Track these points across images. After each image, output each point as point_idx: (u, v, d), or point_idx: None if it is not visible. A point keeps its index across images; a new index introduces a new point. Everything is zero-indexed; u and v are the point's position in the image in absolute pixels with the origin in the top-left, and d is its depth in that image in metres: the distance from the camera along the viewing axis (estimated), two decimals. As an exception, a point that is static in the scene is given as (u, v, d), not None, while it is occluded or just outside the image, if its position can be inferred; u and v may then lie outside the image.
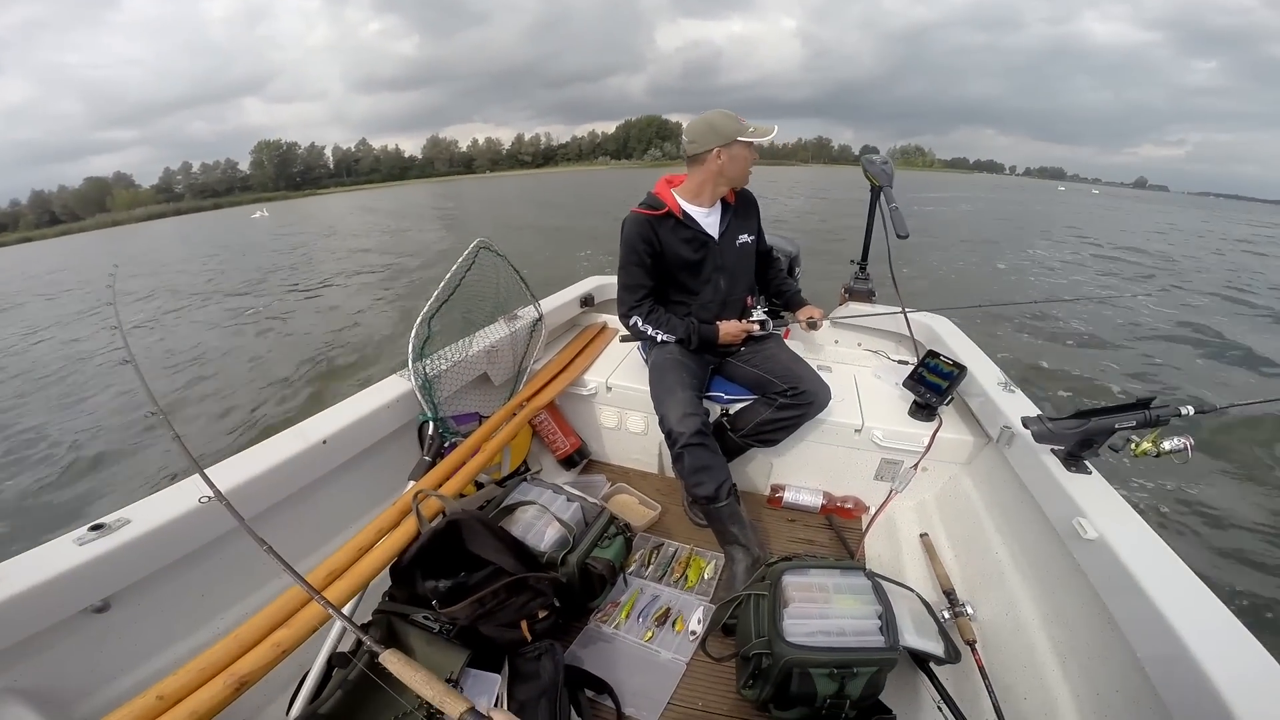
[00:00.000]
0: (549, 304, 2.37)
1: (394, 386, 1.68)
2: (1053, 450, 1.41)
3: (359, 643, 1.09)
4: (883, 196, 2.22)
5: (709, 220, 1.84)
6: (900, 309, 2.24)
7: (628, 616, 1.51)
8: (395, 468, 1.61)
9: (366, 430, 1.57)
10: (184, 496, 1.19)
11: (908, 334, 2.24)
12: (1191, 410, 1.26)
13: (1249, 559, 2.94)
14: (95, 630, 1.10)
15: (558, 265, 10.20)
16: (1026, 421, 1.42)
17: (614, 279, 2.62)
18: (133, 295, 11.72)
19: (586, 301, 2.65)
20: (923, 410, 1.89)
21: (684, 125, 1.78)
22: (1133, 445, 1.26)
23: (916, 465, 1.86)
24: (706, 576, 1.65)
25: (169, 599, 1.20)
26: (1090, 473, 1.35)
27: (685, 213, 1.80)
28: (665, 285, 1.89)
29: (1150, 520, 1.19)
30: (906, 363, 2.21)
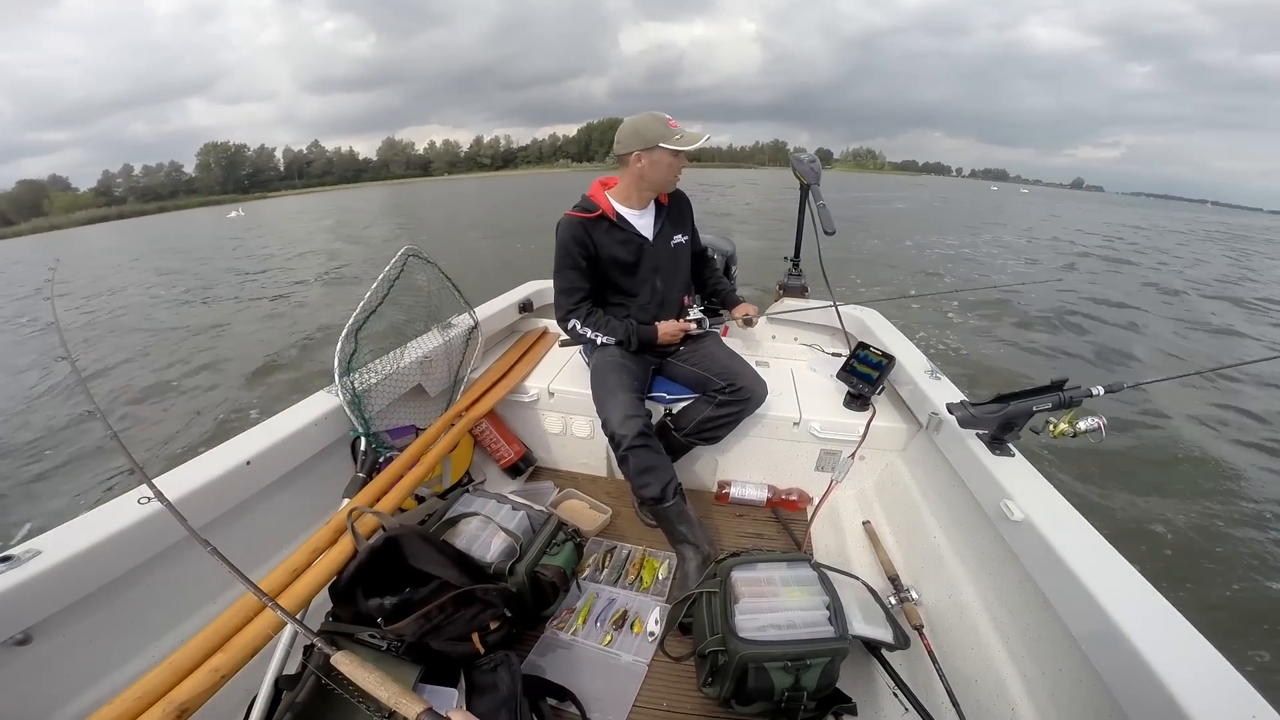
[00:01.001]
0: (485, 310, 2.32)
1: (321, 403, 1.59)
2: (978, 435, 1.45)
3: (304, 664, 1.03)
4: (811, 194, 2.29)
5: (642, 222, 1.84)
6: (831, 303, 2.31)
7: (584, 622, 1.48)
8: (328, 486, 1.51)
9: (294, 449, 1.48)
10: (104, 521, 1.13)
11: (840, 327, 2.31)
12: (1101, 390, 1.32)
13: (1165, 531, 3.15)
14: (19, 664, 1.04)
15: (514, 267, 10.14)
16: (951, 407, 1.46)
17: (550, 283, 2.58)
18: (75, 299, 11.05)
19: (525, 307, 2.60)
20: (856, 400, 1.95)
21: None
22: (1051, 426, 1.31)
23: (854, 454, 1.90)
24: (661, 577, 1.63)
25: (96, 627, 1.13)
26: (1014, 455, 1.39)
27: (619, 214, 1.79)
28: (602, 288, 1.88)
29: (1072, 499, 1.23)
30: (840, 355, 2.28)
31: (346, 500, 1.37)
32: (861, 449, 1.88)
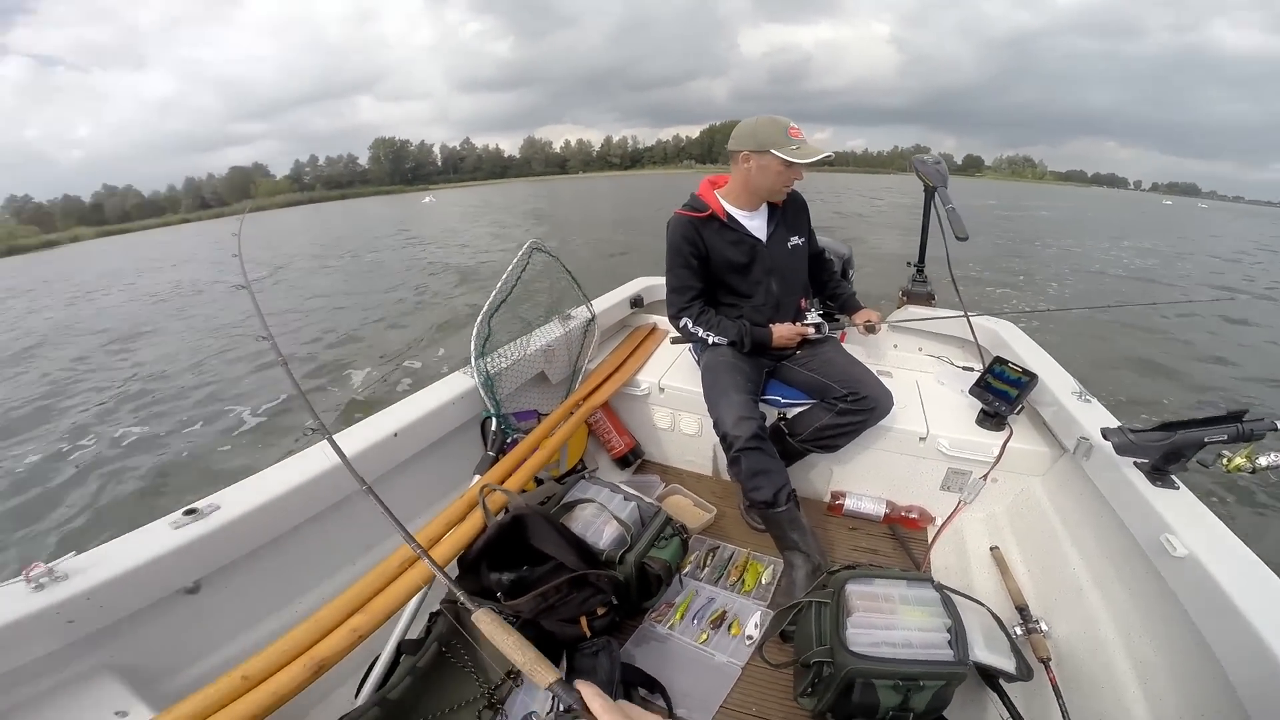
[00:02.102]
0: (599, 304, 2.39)
1: (458, 383, 1.72)
2: (1135, 463, 1.33)
3: (428, 629, 1.13)
4: (938, 197, 2.16)
5: (754, 223, 1.81)
6: (963, 313, 2.17)
7: (682, 617, 1.50)
8: (460, 462, 1.64)
9: (434, 425, 1.61)
10: (268, 485, 1.25)
11: (971, 339, 2.16)
12: None
13: None
14: (186, 611, 1.15)
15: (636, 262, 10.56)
16: (1107, 433, 1.35)
17: (662, 280, 2.62)
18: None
19: (636, 303, 2.66)
20: (991, 419, 1.82)
21: None
22: (1224, 460, 1.20)
23: (986, 476, 1.79)
24: (764, 581, 1.62)
25: (253, 582, 1.25)
26: (1178, 487, 1.27)
27: (729, 215, 1.78)
28: (714, 288, 1.87)
29: (1247, 540, 1.11)
30: (971, 369, 2.14)
31: (477, 477, 1.49)
32: (995, 471, 1.77)
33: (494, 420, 1.67)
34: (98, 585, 1.00)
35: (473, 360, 1.70)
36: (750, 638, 1.44)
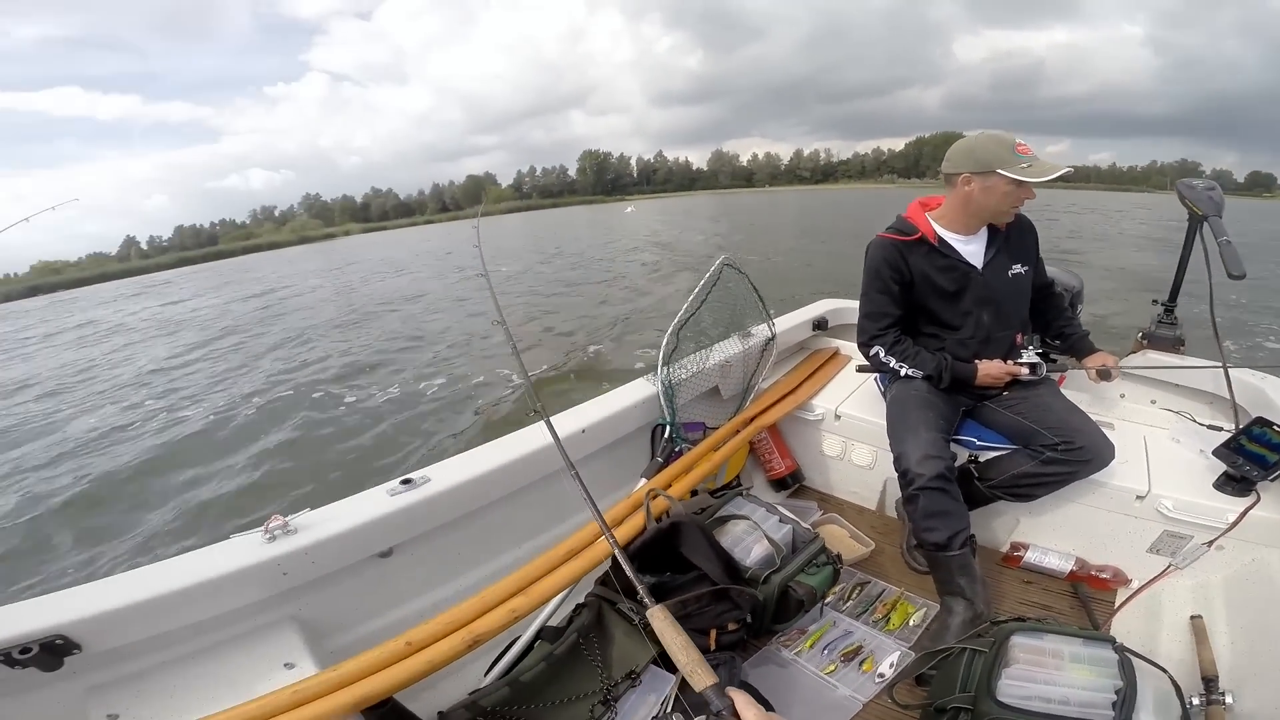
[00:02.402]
0: (781, 324, 2.41)
1: (641, 389, 1.89)
2: None
3: (570, 619, 1.22)
4: (1207, 227, 1.83)
5: (970, 248, 1.71)
6: (1220, 363, 1.83)
7: (812, 646, 1.52)
8: (631, 464, 1.82)
9: (615, 425, 1.78)
10: (473, 463, 1.38)
11: (1226, 395, 1.82)
12: None
13: None
14: (375, 574, 1.25)
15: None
16: None
17: (848, 303, 2.58)
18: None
19: (819, 325, 2.64)
20: (1235, 484, 1.58)
21: None
22: None
23: (1212, 543, 1.57)
24: (912, 623, 1.59)
25: (436, 553, 1.36)
26: None
27: (940, 239, 1.70)
28: (916, 316, 1.80)
29: None
30: (1218, 429, 1.81)
31: (644, 480, 1.66)
32: (1225, 538, 1.55)
33: (667, 428, 1.83)
34: (315, 543, 1.10)
35: (659, 369, 1.86)
36: (882, 675, 1.42)
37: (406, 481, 1.27)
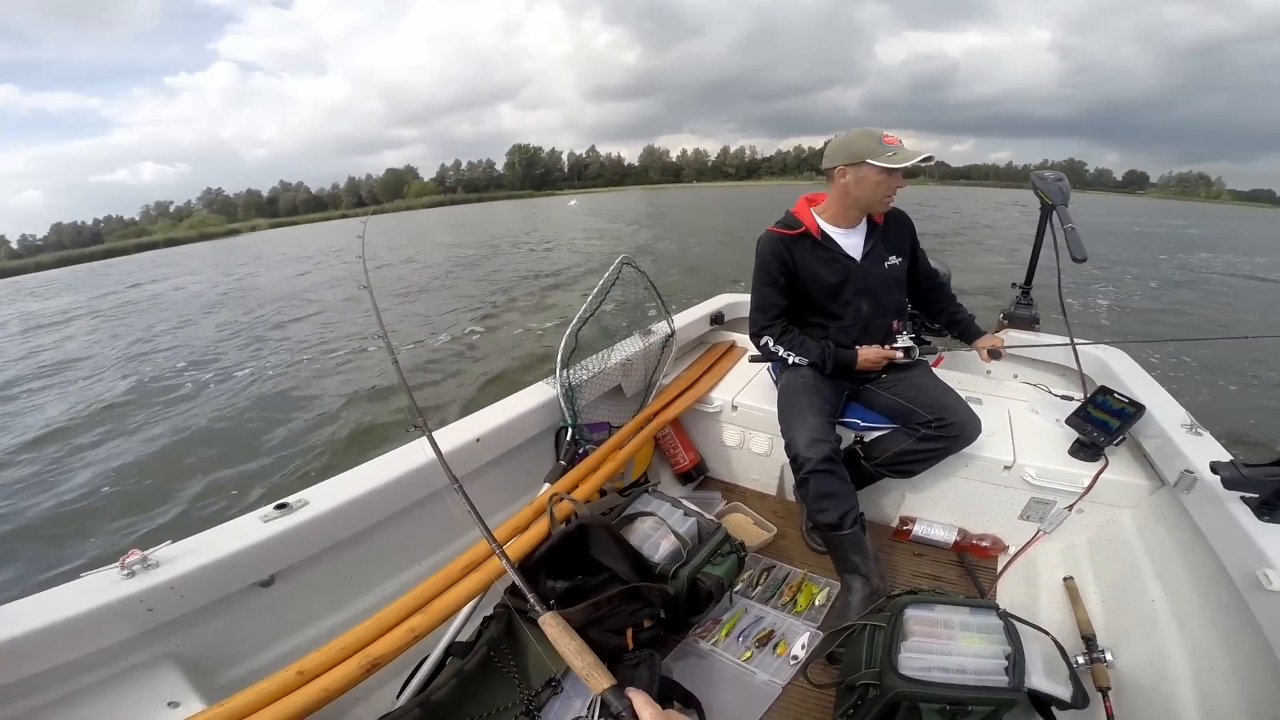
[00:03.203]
0: (680, 320, 2.44)
1: (541, 392, 1.85)
2: (1243, 498, 1.28)
3: (479, 633, 1.18)
4: (1055, 216, 2.03)
5: (850, 241, 1.79)
6: (1068, 340, 2.04)
7: (727, 635, 1.53)
8: (533, 469, 1.77)
9: (514, 431, 1.73)
10: (357, 482, 1.32)
11: (1075, 367, 2.03)
12: None
13: None
14: (257, 604, 1.18)
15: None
16: (1216, 466, 1.30)
17: (742, 297, 2.65)
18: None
19: (716, 319, 2.70)
20: (1086, 449, 1.74)
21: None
22: None
23: (1071, 506, 1.72)
24: (817, 603, 1.64)
25: (323, 578, 1.30)
26: None
27: (824, 232, 1.77)
28: (802, 307, 1.87)
29: None
30: (1071, 398, 2.02)
31: (548, 485, 1.62)
32: (1082, 501, 1.70)
33: (569, 430, 1.79)
34: (181, 576, 1.04)
35: (558, 371, 1.82)
36: (795, 658, 1.46)
37: (281, 506, 1.21)
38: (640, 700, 0.64)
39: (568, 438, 1.80)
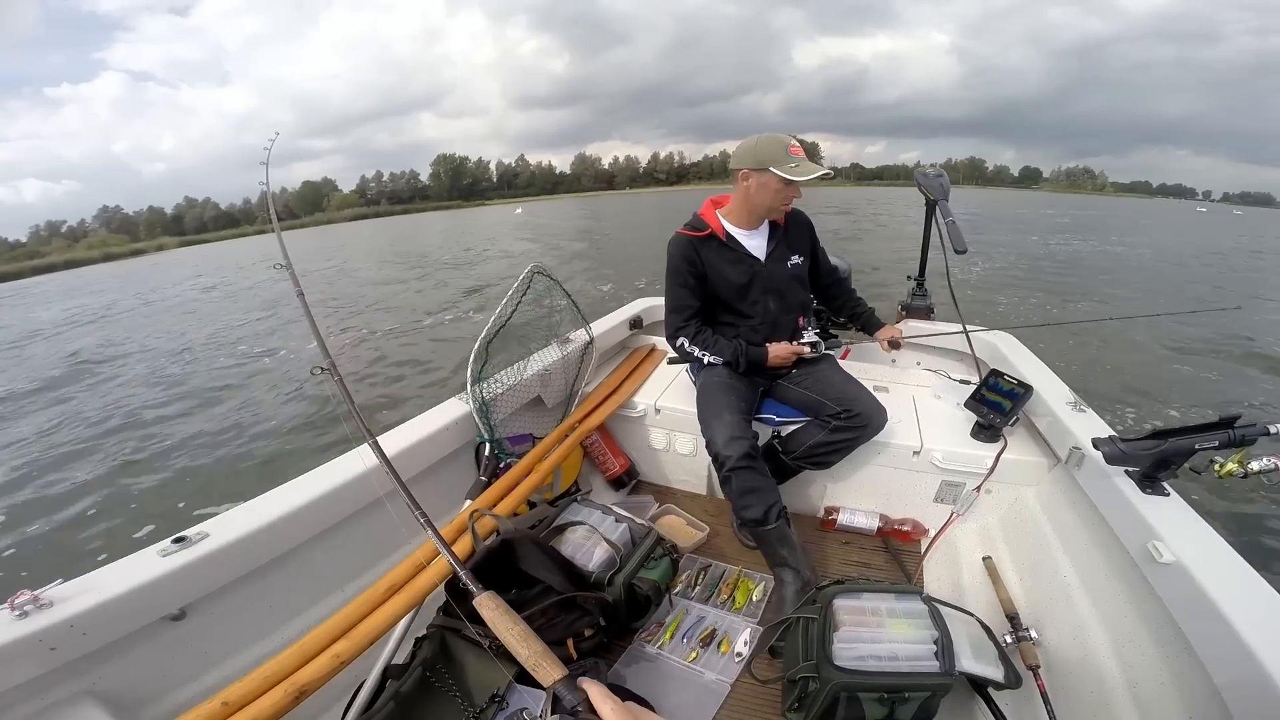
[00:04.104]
0: (599, 327, 2.43)
1: (453, 409, 1.76)
2: (1127, 472, 1.35)
3: (413, 654, 1.14)
4: (938, 210, 2.18)
5: (753, 242, 1.83)
6: (961, 327, 2.18)
7: (672, 637, 1.51)
8: (455, 487, 1.68)
9: (427, 450, 1.64)
10: (260, 511, 1.26)
11: (969, 352, 2.17)
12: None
13: None
14: (171, 637, 1.16)
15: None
16: (1098, 443, 1.36)
17: (660, 300, 2.66)
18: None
19: (635, 324, 2.69)
20: (985, 431, 1.83)
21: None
22: (1216, 466, 1.23)
23: (979, 488, 1.80)
24: (755, 598, 1.64)
25: (240, 609, 1.26)
26: (1168, 494, 1.29)
27: (729, 234, 1.80)
28: (713, 307, 1.89)
29: (1237, 544, 1.13)
30: (968, 382, 2.15)
31: (469, 502, 1.53)
32: (989, 482, 1.78)
33: (488, 445, 1.71)
34: (81, 613, 1.01)
35: (468, 386, 1.74)
36: (740, 655, 1.45)
37: (179, 540, 1.17)
38: (597, 691, 0.58)
39: (486, 453, 1.72)
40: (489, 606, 0.77)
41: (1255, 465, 1.18)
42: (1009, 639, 1.38)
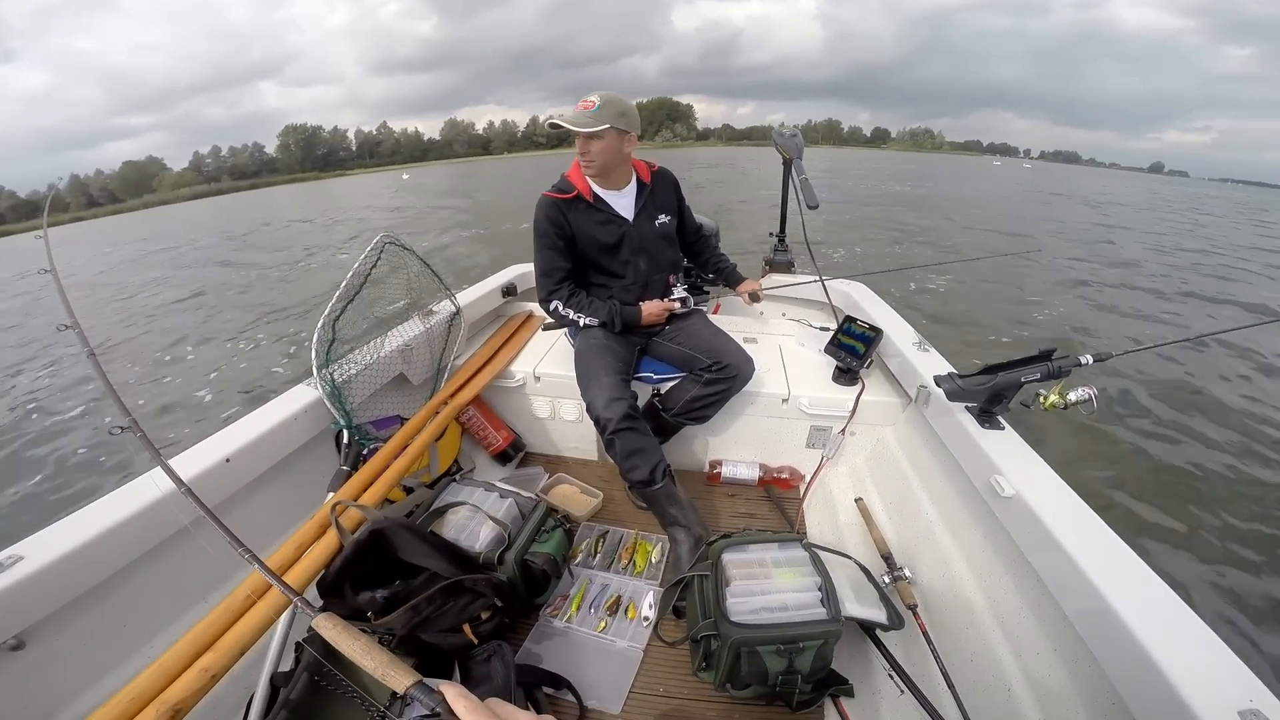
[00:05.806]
0: (468, 296, 2.28)
1: (300, 396, 1.55)
2: (967, 407, 1.43)
3: (296, 660, 1.03)
4: (794, 168, 2.25)
5: (621, 202, 1.80)
6: (818, 277, 2.29)
7: (578, 609, 1.47)
8: (312, 481, 1.48)
9: (275, 445, 1.44)
10: (89, 524, 1.12)
11: (827, 301, 2.29)
12: (1090, 359, 1.30)
13: (1157, 503, 3.10)
14: (14, 670, 1.04)
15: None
16: (939, 380, 1.43)
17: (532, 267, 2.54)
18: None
19: (509, 291, 2.56)
20: (845, 375, 1.93)
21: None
22: (1041, 398, 1.30)
23: (844, 430, 1.89)
24: (654, 560, 1.62)
25: (88, 631, 1.13)
26: (1004, 428, 1.37)
27: (596, 195, 1.75)
28: (584, 269, 1.85)
29: (1067, 472, 1.21)
30: (828, 330, 2.26)
31: (331, 494, 1.35)
32: (852, 424, 1.87)
33: (345, 432, 1.52)
34: None
35: (314, 371, 1.54)
36: (647, 619, 1.43)
37: None
38: (453, 692, 0.59)
39: (345, 440, 1.53)
40: (326, 628, 0.72)
41: (1073, 396, 1.25)
42: (887, 579, 1.42)
